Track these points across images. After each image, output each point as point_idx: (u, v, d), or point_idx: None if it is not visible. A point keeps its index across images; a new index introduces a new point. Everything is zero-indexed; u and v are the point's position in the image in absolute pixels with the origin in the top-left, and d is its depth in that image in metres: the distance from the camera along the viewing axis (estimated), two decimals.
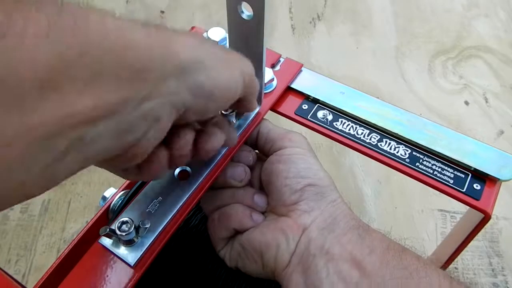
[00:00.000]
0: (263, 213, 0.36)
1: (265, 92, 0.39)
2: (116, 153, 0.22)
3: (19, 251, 0.72)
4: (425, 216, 0.77)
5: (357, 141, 0.37)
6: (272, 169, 0.35)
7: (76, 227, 0.75)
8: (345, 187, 0.80)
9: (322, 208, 0.33)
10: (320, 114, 0.39)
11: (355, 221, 0.32)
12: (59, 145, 0.18)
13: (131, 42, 0.20)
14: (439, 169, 0.35)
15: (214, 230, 0.36)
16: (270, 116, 0.39)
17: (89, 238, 0.31)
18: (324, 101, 0.40)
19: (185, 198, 0.32)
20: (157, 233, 0.30)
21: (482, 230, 0.35)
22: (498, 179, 0.34)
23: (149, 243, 0.30)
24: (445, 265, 0.40)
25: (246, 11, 0.32)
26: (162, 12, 1.10)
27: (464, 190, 0.34)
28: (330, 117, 0.39)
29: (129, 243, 0.30)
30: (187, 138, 0.27)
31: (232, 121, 0.36)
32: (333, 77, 0.42)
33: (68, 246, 0.30)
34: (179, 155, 0.27)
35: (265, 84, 0.39)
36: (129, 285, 0.29)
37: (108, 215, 0.34)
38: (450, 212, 0.78)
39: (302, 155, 0.35)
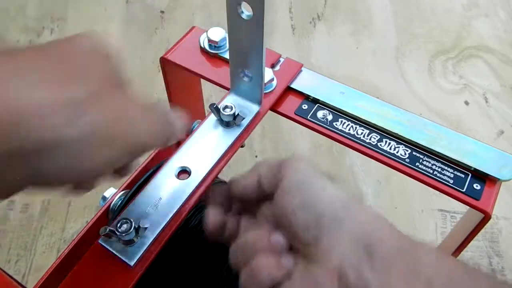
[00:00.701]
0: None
1: (265, 92, 0.39)
2: None
3: (19, 251, 0.72)
4: (425, 216, 0.77)
5: (357, 141, 0.37)
6: (282, 201, 0.30)
7: (76, 227, 0.75)
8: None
9: (345, 236, 0.27)
10: (320, 114, 0.39)
11: (395, 241, 0.27)
12: None
13: None
14: (439, 169, 0.35)
15: None
16: (270, 116, 0.40)
17: (89, 238, 0.31)
18: (324, 101, 0.40)
19: (184, 198, 0.32)
20: (156, 233, 0.30)
21: (482, 230, 0.35)
22: (498, 179, 0.34)
23: (149, 243, 0.30)
24: None
25: (246, 11, 0.32)
26: (162, 12, 1.10)
27: (464, 190, 0.34)
28: (330, 117, 0.39)
29: (129, 243, 0.30)
30: None
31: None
32: (333, 77, 0.42)
33: (68, 246, 0.30)
34: None
35: (265, 84, 0.39)
36: (129, 285, 0.29)
37: (108, 215, 0.34)
38: (450, 212, 0.78)
39: (302, 183, 0.30)
